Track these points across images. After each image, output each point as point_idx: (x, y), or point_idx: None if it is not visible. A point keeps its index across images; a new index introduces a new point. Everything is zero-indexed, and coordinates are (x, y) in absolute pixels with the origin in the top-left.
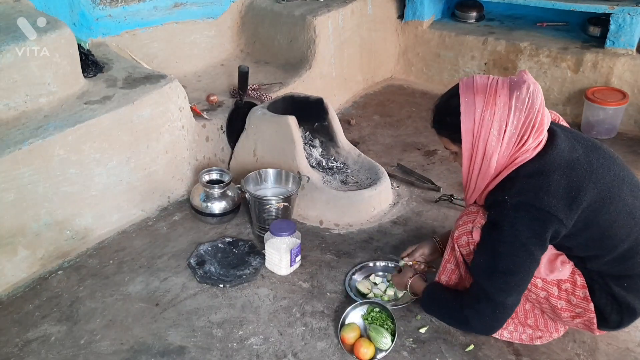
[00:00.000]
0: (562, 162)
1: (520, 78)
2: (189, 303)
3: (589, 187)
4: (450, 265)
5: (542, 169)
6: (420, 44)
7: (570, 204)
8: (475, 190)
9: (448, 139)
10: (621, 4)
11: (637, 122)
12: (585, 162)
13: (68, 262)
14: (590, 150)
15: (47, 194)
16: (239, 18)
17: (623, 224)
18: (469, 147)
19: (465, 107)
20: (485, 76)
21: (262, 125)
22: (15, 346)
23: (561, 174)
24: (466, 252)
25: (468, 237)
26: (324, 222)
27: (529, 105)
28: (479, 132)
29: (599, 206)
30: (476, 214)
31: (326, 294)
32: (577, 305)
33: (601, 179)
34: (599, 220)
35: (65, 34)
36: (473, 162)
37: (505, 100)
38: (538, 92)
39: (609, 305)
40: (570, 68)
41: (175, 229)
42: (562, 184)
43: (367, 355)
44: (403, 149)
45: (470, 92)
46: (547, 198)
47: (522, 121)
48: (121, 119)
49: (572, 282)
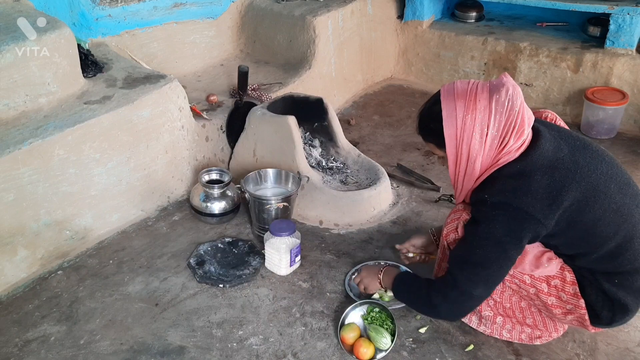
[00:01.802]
0: (545, 162)
1: (500, 81)
2: (189, 303)
3: (572, 187)
4: (445, 264)
5: (524, 169)
6: (420, 44)
7: (550, 205)
8: (463, 190)
9: (433, 144)
10: (621, 4)
11: (637, 122)
12: (570, 162)
13: (68, 262)
14: (577, 149)
15: (47, 194)
16: (239, 18)
17: (610, 222)
18: (453, 152)
19: (447, 113)
20: (466, 81)
21: (262, 125)
22: (15, 346)
23: (543, 174)
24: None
25: (455, 234)
26: (323, 222)
27: (508, 107)
28: (462, 136)
29: (583, 205)
30: (462, 211)
31: (326, 294)
32: (568, 302)
33: (586, 177)
34: (583, 219)
35: (65, 34)
36: (458, 165)
37: (485, 104)
38: (517, 94)
39: (600, 302)
40: (570, 68)
41: (175, 229)
42: (543, 184)
43: (367, 355)
44: (403, 149)
45: (451, 98)
46: (526, 198)
47: (503, 124)
48: (121, 119)
49: (562, 279)
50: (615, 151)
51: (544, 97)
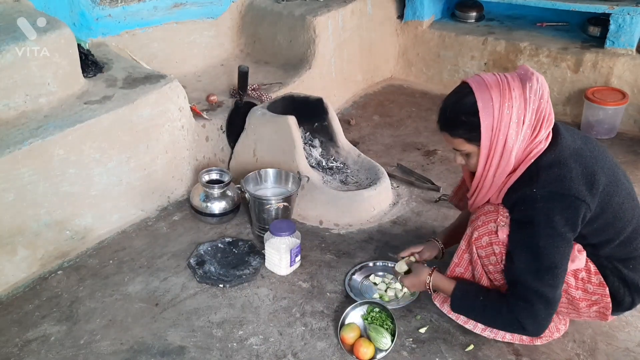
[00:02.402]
0: (572, 150)
1: (527, 70)
2: (189, 303)
3: (600, 172)
4: (459, 269)
5: (559, 158)
6: (420, 44)
7: (590, 189)
8: (491, 188)
9: (463, 138)
10: (621, 4)
11: (637, 122)
12: (587, 150)
13: (68, 262)
14: (585, 141)
15: (47, 194)
16: (239, 18)
17: (628, 206)
18: (487, 144)
19: (483, 104)
20: (491, 73)
21: (262, 125)
22: (15, 346)
23: (574, 161)
24: (485, 254)
25: (491, 236)
26: (323, 222)
27: (540, 95)
28: (499, 126)
29: (610, 189)
30: (496, 212)
31: (326, 294)
32: (594, 293)
33: (604, 165)
34: (612, 203)
35: (65, 34)
36: (490, 159)
37: (520, 92)
38: (545, 83)
39: (621, 288)
40: (570, 68)
41: (175, 229)
42: (579, 171)
43: (367, 355)
44: (403, 149)
45: (484, 88)
46: (573, 184)
47: (536, 112)
48: (121, 119)
49: (587, 270)
50: (615, 151)
51: None
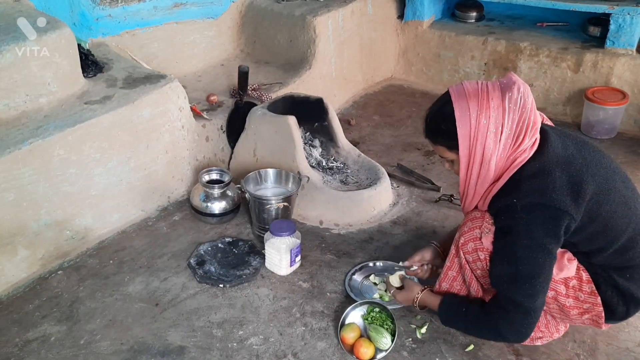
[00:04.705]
0: (559, 158)
1: (510, 80)
2: (189, 303)
3: (589, 181)
4: (452, 273)
5: (543, 167)
6: (420, 44)
7: (576, 198)
8: (475, 196)
9: (444, 146)
10: (621, 4)
11: (637, 122)
12: (580, 157)
13: (68, 262)
14: (580, 146)
15: (47, 194)
16: (239, 18)
17: (621, 215)
18: (466, 153)
19: (460, 113)
20: (474, 81)
21: (262, 125)
22: (15, 346)
23: (561, 170)
24: (472, 259)
25: (475, 242)
26: (324, 222)
27: (521, 105)
28: (476, 136)
29: (600, 198)
30: (482, 219)
31: (326, 294)
32: (585, 301)
33: (597, 172)
34: (602, 212)
35: (65, 34)
36: (471, 167)
37: (499, 102)
38: (528, 92)
39: (614, 297)
40: (570, 68)
41: (175, 229)
42: (564, 180)
43: (367, 355)
44: (403, 149)
45: (462, 97)
46: (555, 195)
47: (517, 121)
48: (121, 119)
49: (579, 279)
50: (615, 151)
51: (544, 97)
